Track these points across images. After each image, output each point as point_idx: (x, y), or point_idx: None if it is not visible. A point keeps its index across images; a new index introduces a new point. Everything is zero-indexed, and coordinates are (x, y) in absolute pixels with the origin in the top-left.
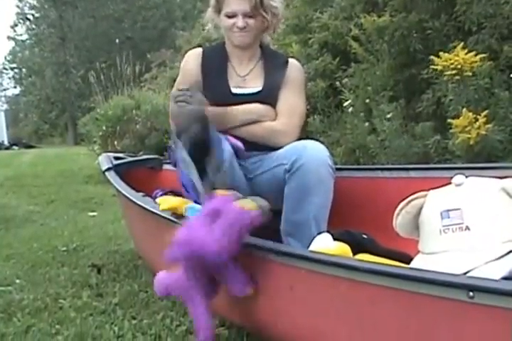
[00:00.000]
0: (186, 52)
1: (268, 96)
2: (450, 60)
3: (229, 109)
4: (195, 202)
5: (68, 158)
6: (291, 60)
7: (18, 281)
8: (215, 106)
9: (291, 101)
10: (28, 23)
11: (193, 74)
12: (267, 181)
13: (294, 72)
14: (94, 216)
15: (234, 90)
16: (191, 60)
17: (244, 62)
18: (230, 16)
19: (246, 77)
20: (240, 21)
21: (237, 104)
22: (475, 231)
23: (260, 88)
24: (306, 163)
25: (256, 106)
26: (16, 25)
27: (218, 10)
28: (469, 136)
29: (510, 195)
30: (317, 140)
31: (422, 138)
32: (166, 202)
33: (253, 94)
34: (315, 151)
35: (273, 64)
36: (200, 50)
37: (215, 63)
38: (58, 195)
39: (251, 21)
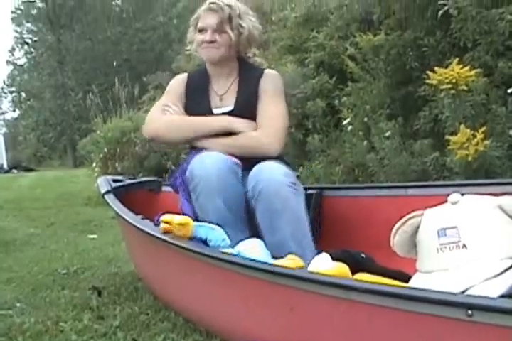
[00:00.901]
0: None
1: (241, 114)
2: (445, 74)
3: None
4: None
5: (67, 180)
6: (266, 71)
7: (18, 305)
8: None
9: (270, 112)
10: (26, 47)
11: (177, 96)
12: None
13: (268, 82)
14: (94, 238)
15: (214, 110)
16: (176, 84)
17: (222, 81)
18: (201, 31)
19: (223, 96)
20: (207, 35)
21: None
22: (472, 249)
23: (232, 107)
24: (264, 187)
25: (225, 117)
26: (14, 49)
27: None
28: (467, 152)
29: (506, 213)
30: (282, 159)
31: (420, 155)
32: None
33: (227, 113)
34: (270, 173)
35: (247, 79)
36: (185, 75)
37: (198, 85)
38: (58, 217)
39: (218, 37)
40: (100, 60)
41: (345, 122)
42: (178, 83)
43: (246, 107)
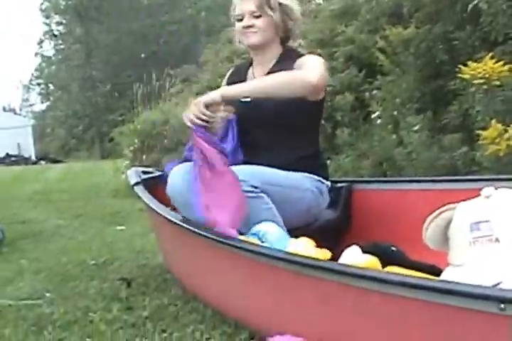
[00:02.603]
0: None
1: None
2: (478, 69)
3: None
4: None
5: (95, 172)
6: (306, 55)
7: (48, 295)
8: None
9: (309, 63)
10: (54, 39)
11: None
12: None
13: (305, 59)
14: (122, 230)
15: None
16: (225, 79)
17: (263, 66)
18: (239, 19)
19: None
20: (245, 21)
21: (244, 110)
22: (505, 242)
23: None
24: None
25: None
26: (43, 41)
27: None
28: (499, 147)
29: None
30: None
31: (449, 149)
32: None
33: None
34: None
35: (284, 62)
36: (232, 69)
37: (239, 73)
38: (86, 209)
39: (258, 21)
40: (128, 53)
41: (374, 116)
42: (225, 79)
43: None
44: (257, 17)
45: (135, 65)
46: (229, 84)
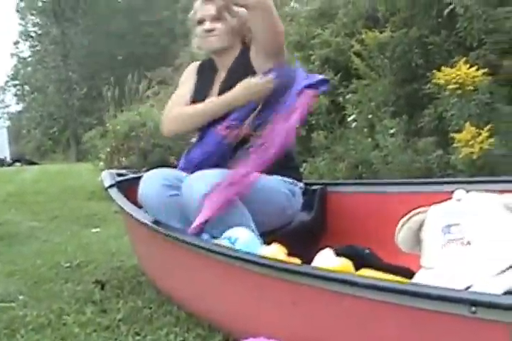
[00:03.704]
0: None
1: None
2: (452, 74)
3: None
4: None
5: (71, 174)
6: None
7: (21, 297)
8: None
9: None
10: (30, 40)
11: (189, 86)
12: None
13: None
14: (97, 232)
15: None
16: (188, 74)
17: (224, 72)
18: (200, 22)
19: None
20: (207, 25)
21: None
22: (476, 246)
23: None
24: (185, 199)
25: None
26: (19, 42)
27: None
28: (472, 150)
29: (511, 211)
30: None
31: (424, 153)
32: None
33: None
34: (190, 185)
35: (245, 59)
36: (197, 63)
37: (207, 74)
38: (61, 211)
39: (218, 25)
40: (105, 54)
41: (349, 119)
42: (191, 72)
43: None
44: (217, 20)
45: (112, 67)
46: (197, 79)
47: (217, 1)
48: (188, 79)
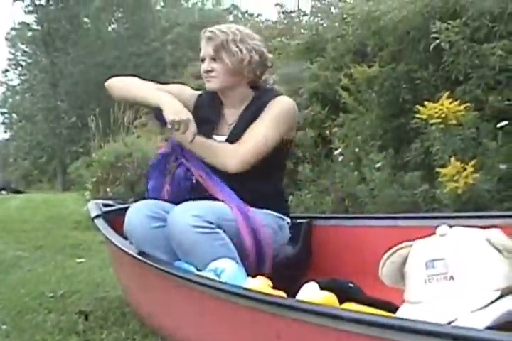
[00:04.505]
0: None
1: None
2: (435, 108)
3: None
4: None
5: (57, 203)
6: (276, 98)
7: (4, 327)
8: None
9: (255, 130)
10: (19, 68)
11: (186, 102)
12: None
13: (271, 107)
14: (81, 262)
15: (214, 137)
16: (187, 93)
17: (234, 109)
18: (202, 61)
19: (231, 125)
20: (204, 65)
21: None
22: (459, 280)
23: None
24: (170, 231)
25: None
26: (8, 70)
27: None
28: (457, 185)
29: (493, 245)
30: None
31: (410, 187)
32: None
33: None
34: (176, 217)
35: (254, 108)
36: (196, 93)
37: (212, 106)
38: (46, 240)
39: (215, 65)
40: (93, 84)
41: (336, 152)
42: (189, 95)
43: (237, 137)
44: (215, 60)
45: (101, 97)
46: (196, 108)
47: (215, 41)
48: (186, 96)
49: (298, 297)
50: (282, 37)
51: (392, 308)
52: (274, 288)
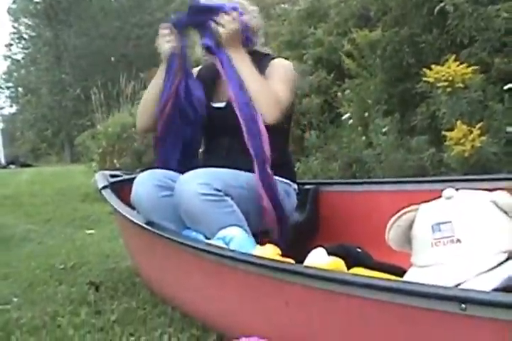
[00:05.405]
0: None
1: (234, 112)
2: (442, 72)
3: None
4: None
5: (65, 176)
6: (273, 61)
7: (15, 300)
8: None
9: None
10: (23, 42)
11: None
12: None
13: (275, 67)
14: (91, 234)
15: (212, 103)
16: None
17: None
18: None
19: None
20: None
21: (213, 116)
22: (466, 243)
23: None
24: (178, 199)
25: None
26: (12, 44)
27: None
28: (464, 148)
29: (500, 207)
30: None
31: (417, 151)
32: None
33: (221, 108)
34: (183, 185)
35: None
36: (196, 69)
37: (210, 75)
38: (55, 213)
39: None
40: (98, 56)
41: (345, 116)
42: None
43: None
44: None
45: (105, 69)
46: (199, 78)
47: None
48: None
49: (305, 263)
50: (285, 3)
51: (400, 272)
52: (282, 255)
